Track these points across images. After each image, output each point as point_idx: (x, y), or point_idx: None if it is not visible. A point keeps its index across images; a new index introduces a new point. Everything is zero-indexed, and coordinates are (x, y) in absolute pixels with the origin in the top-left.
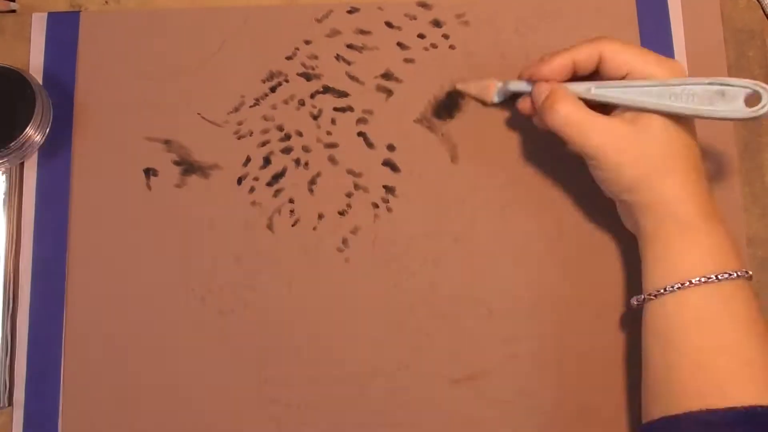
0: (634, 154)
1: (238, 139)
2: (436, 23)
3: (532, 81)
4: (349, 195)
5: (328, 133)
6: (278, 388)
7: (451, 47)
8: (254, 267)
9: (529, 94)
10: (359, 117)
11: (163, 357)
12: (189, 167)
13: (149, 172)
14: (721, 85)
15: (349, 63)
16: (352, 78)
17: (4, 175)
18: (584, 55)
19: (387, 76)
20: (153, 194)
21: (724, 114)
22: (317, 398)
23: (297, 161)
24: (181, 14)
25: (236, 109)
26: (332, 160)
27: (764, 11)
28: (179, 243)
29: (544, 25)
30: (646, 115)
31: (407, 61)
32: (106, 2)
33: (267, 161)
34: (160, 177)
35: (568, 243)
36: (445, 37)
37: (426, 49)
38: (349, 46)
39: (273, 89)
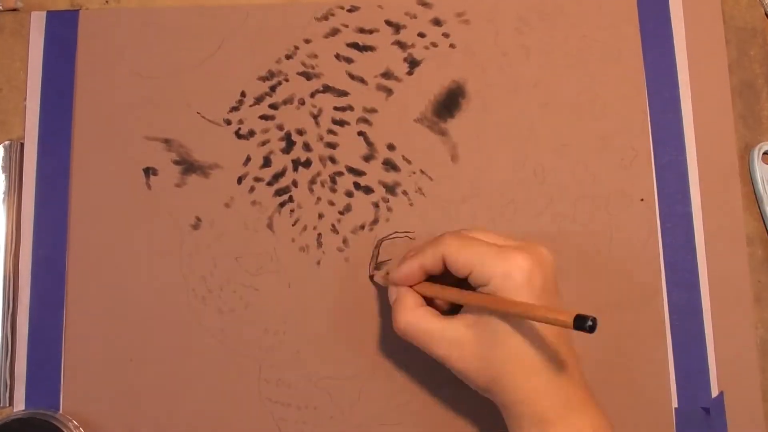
0: (475, 363)
1: (238, 138)
2: (437, 22)
3: None
4: (349, 195)
5: (329, 132)
6: (278, 388)
7: (452, 46)
8: (254, 267)
9: None
10: (359, 116)
11: (163, 357)
12: (189, 166)
13: (149, 172)
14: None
15: (349, 62)
16: (353, 77)
17: (4, 174)
18: (430, 260)
19: (387, 75)
20: (153, 193)
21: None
22: (317, 398)
23: (297, 161)
24: (181, 13)
25: (236, 108)
26: (332, 159)
27: (765, 10)
28: (179, 242)
29: (545, 24)
30: (484, 320)
31: (407, 60)
32: (107, 1)
33: (267, 161)
34: (160, 176)
35: (568, 243)
36: (446, 35)
37: (426, 47)
38: (349, 45)
39: (273, 88)
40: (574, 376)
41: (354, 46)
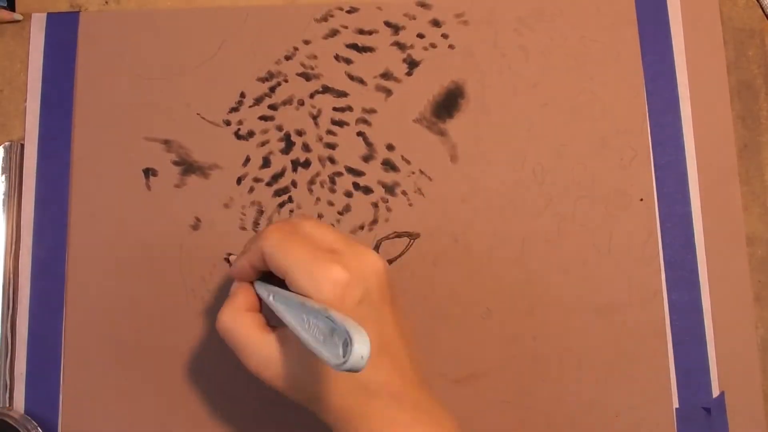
0: (290, 383)
1: (238, 139)
2: (436, 23)
3: None
4: (348, 195)
5: (328, 132)
6: None
7: (451, 47)
8: None
9: None
10: (359, 117)
11: (162, 357)
12: (188, 167)
13: (149, 172)
14: (332, 321)
15: (348, 63)
16: (352, 78)
17: (4, 175)
18: (255, 258)
19: (386, 75)
20: (152, 194)
21: (326, 357)
22: None
23: (296, 161)
24: (180, 14)
25: (236, 109)
26: (332, 159)
27: (763, 10)
28: (179, 243)
29: (544, 24)
30: (292, 334)
31: (407, 60)
32: (106, 2)
33: (266, 161)
34: (160, 177)
35: (568, 243)
36: (445, 36)
37: (425, 48)
38: (349, 46)
39: (272, 89)
40: (396, 391)
41: (353, 47)
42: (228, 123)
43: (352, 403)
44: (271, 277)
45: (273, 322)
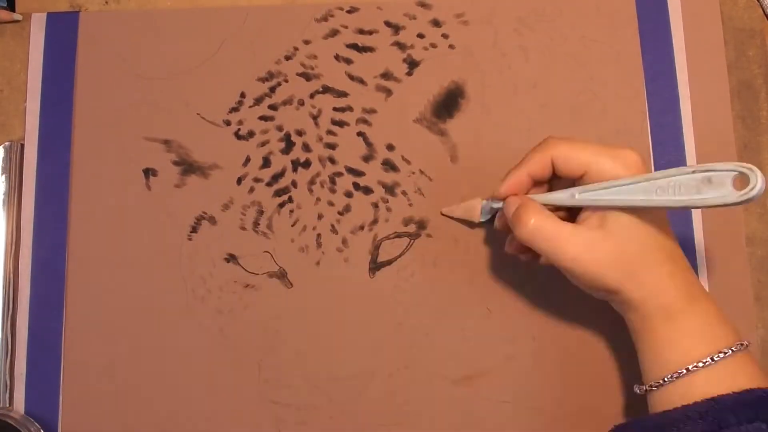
0: (609, 261)
1: (238, 139)
2: (436, 23)
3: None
4: (348, 195)
5: (328, 132)
6: (278, 388)
7: (451, 47)
8: (254, 267)
9: None
10: (359, 117)
11: (162, 357)
12: (188, 167)
13: (149, 172)
14: (706, 171)
15: (348, 63)
16: (352, 78)
17: (4, 175)
18: (537, 166)
19: (386, 75)
20: (152, 194)
21: (715, 201)
22: (317, 398)
23: (296, 161)
24: (181, 14)
25: (236, 109)
26: (332, 160)
27: (764, 10)
28: (178, 243)
29: (544, 24)
30: (612, 217)
31: (407, 60)
32: (106, 2)
33: (266, 161)
34: (160, 177)
35: None
36: (445, 36)
37: (425, 48)
38: (349, 46)
39: (272, 89)
40: (688, 265)
41: (353, 47)
42: (228, 123)
43: (667, 273)
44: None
45: None
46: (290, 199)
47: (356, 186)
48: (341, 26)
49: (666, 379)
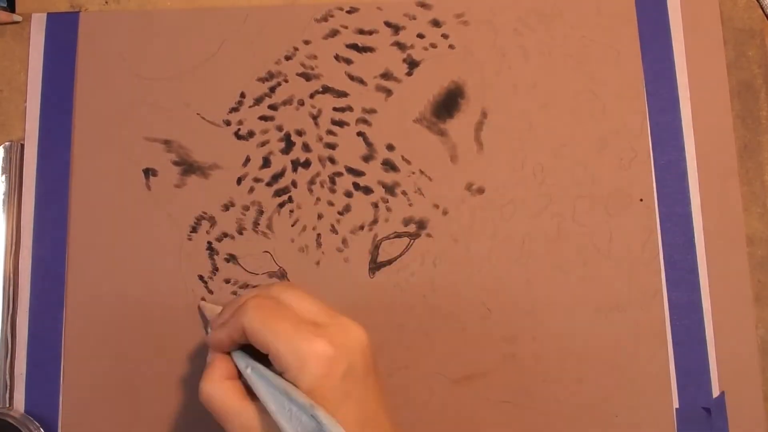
0: None
1: (238, 139)
2: (436, 23)
3: None
4: (348, 195)
5: (328, 132)
6: None
7: (451, 47)
8: (254, 267)
9: None
10: (359, 117)
11: (162, 357)
12: (188, 167)
13: (149, 172)
14: (318, 422)
15: (348, 63)
16: (352, 78)
17: (4, 175)
18: (235, 332)
19: (386, 75)
20: (152, 194)
21: None
22: None
23: (296, 161)
24: (180, 14)
25: (236, 109)
26: (332, 159)
27: (763, 10)
28: (178, 243)
29: (544, 25)
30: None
31: (407, 60)
32: (106, 2)
33: (266, 161)
34: (160, 177)
35: (568, 243)
36: (445, 36)
37: (425, 48)
38: (349, 46)
39: (272, 89)
40: None
41: (353, 47)
42: (228, 123)
43: None
44: (249, 347)
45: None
46: (290, 199)
47: (356, 186)
48: (341, 26)
49: None
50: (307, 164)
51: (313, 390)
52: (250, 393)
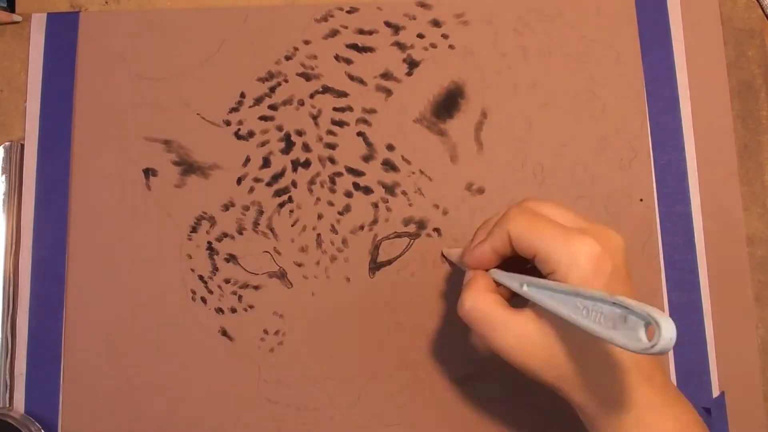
0: (542, 358)
1: (238, 139)
2: (436, 23)
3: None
4: (348, 195)
5: (328, 132)
6: (278, 388)
7: (451, 47)
8: (254, 267)
9: None
10: (359, 117)
11: (162, 357)
12: (188, 167)
13: (149, 173)
14: (624, 308)
15: (348, 63)
16: (352, 78)
17: (4, 176)
18: (499, 241)
19: (386, 75)
20: (152, 194)
21: (620, 342)
22: (317, 398)
23: (296, 161)
24: (180, 14)
25: (236, 109)
26: (332, 159)
27: (763, 10)
28: (178, 243)
29: (544, 25)
30: (551, 314)
31: (407, 60)
32: (106, 2)
33: (266, 161)
34: (160, 177)
35: None
36: (445, 36)
37: (425, 48)
38: (349, 46)
39: (272, 89)
40: (647, 372)
41: (353, 47)
42: (228, 123)
43: (607, 381)
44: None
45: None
46: (290, 199)
47: (356, 186)
48: (341, 26)
49: None
50: (307, 164)
51: (582, 286)
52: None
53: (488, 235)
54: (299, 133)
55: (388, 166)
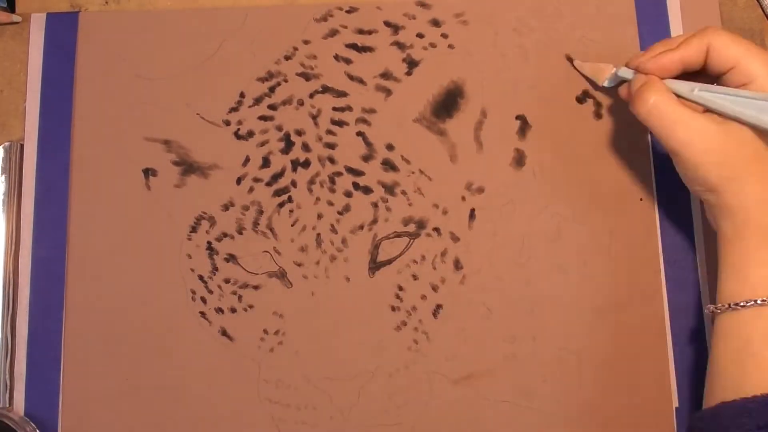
0: (718, 155)
1: (237, 139)
2: (435, 23)
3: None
4: (348, 195)
5: (328, 132)
6: (278, 388)
7: (450, 47)
8: (254, 267)
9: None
10: (358, 116)
11: (162, 357)
12: (188, 167)
13: (148, 173)
14: None
15: (348, 63)
16: (351, 78)
17: (4, 176)
18: (693, 52)
19: (386, 75)
20: (152, 194)
21: None
22: (317, 398)
23: (296, 161)
24: (180, 14)
25: (235, 109)
26: (331, 159)
27: (763, 10)
28: (178, 243)
29: (543, 24)
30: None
31: (406, 60)
32: (106, 2)
33: (266, 161)
34: (160, 177)
35: (568, 243)
36: (444, 36)
37: (425, 48)
38: (348, 46)
39: (272, 89)
40: None
41: (353, 46)
42: (228, 123)
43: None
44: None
45: None
46: (290, 199)
47: (356, 186)
48: (341, 26)
49: (741, 304)
50: (306, 164)
51: None
52: None
53: (679, 45)
54: (299, 133)
55: (388, 165)
